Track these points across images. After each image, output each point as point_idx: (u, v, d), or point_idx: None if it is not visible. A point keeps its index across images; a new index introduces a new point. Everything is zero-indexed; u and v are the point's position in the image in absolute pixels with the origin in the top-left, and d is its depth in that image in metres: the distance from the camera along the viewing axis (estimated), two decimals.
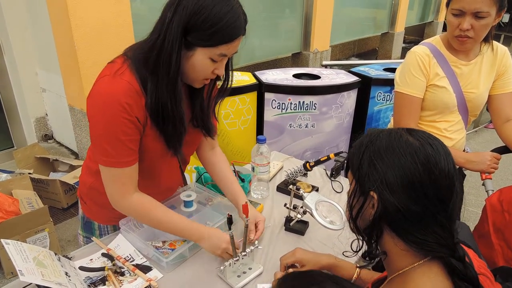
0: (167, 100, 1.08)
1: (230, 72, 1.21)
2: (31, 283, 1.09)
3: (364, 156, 0.82)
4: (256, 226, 1.34)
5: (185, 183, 1.54)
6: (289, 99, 2.73)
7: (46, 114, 3.70)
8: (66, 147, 3.66)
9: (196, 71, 1.09)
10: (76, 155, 3.52)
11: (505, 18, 9.71)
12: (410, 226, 0.77)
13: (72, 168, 3.12)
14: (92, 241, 1.36)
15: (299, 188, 1.38)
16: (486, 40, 1.64)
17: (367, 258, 0.87)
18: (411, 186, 0.75)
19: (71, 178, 2.89)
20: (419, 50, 1.66)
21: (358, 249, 0.89)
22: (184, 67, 1.08)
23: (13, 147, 3.56)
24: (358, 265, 1.14)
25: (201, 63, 1.07)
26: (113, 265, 1.22)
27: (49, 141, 3.76)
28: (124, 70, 1.07)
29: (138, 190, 1.20)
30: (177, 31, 1.00)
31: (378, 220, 0.79)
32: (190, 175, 2.70)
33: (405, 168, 0.76)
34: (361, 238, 0.87)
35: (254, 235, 1.30)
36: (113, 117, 1.06)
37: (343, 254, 1.12)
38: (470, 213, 3.14)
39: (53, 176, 3.11)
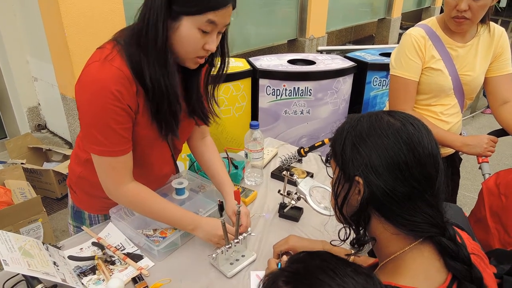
0: (159, 76, 1.04)
1: (227, 57, 1.17)
2: (18, 273, 1.07)
3: (346, 141, 0.80)
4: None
5: (177, 171, 1.51)
6: (284, 85, 2.69)
7: (39, 104, 3.65)
8: (60, 137, 3.62)
9: (185, 45, 1.03)
10: (69, 145, 3.49)
11: (503, 3, 9.63)
12: (398, 208, 0.75)
13: (66, 158, 3.08)
14: (82, 230, 1.33)
15: (293, 174, 1.36)
16: (483, 21, 1.61)
17: (356, 246, 0.85)
18: (397, 166, 0.74)
19: (64, 168, 2.86)
20: (415, 32, 1.62)
21: (345, 238, 0.87)
22: (173, 42, 1.03)
23: (6, 137, 3.52)
24: (350, 253, 1.12)
25: (188, 33, 1.01)
26: (103, 254, 1.20)
27: (42, 131, 3.72)
28: (114, 56, 1.03)
29: (133, 180, 1.18)
30: (161, 0, 0.96)
31: (365, 205, 0.78)
32: (185, 163, 2.68)
33: (389, 149, 0.75)
34: (348, 226, 0.85)
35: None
36: (104, 105, 1.02)
37: (330, 243, 1.10)
38: (466, 198, 3.13)
39: (46, 166, 3.07)
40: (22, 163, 2.86)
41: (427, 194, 0.75)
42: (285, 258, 1.08)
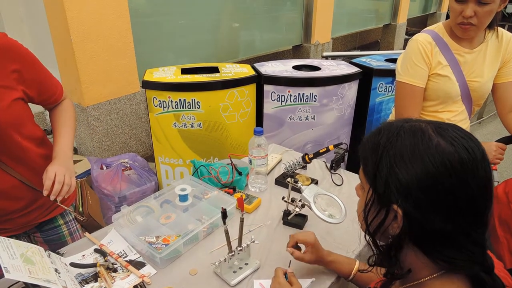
0: None
1: None
2: (19, 281, 1.05)
3: (383, 161, 0.68)
4: None
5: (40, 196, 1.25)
6: (289, 91, 2.68)
7: (45, 109, 3.67)
8: None
9: None
10: (75, 150, 3.49)
11: (510, 8, 9.58)
12: (438, 245, 0.67)
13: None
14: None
15: (297, 181, 1.34)
16: (491, 27, 1.59)
17: (389, 277, 0.77)
18: (444, 202, 0.64)
19: None
20: (421, 38, 1.61)
21: (373, 262, 0.78)
22: None
23: None
24: (359, 270, 1.11)
25: None
26: (106, 261, 1.19)
27: (48, 136, 3.73)
28: None
29: None
30: None
31: (401, 237, 0.69)
32: (189, 169, 2.67)
33: (437, 181, 0.63)
34: (378, 253, 0.77)
35: None
36: None
37: (359, 272, 1.09)
38: None
39: None
40: None
41: (475, 232, 0.66)
42: (290, 269, 1.06)
